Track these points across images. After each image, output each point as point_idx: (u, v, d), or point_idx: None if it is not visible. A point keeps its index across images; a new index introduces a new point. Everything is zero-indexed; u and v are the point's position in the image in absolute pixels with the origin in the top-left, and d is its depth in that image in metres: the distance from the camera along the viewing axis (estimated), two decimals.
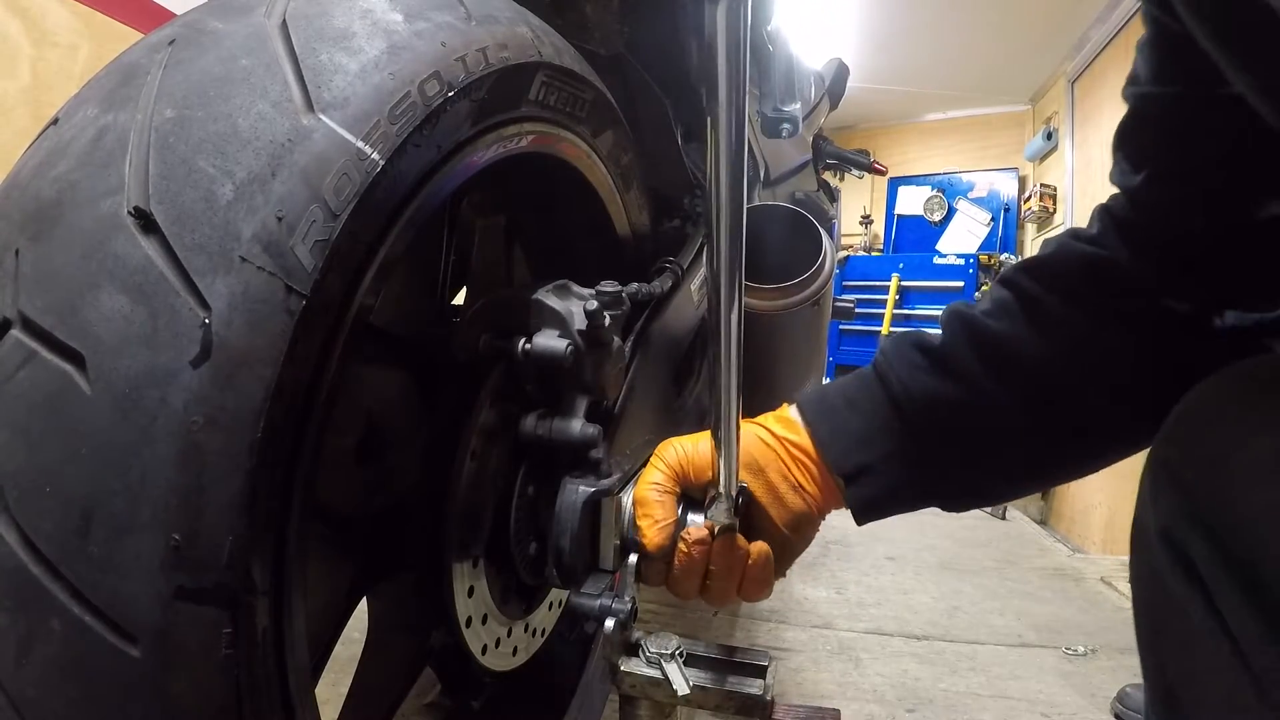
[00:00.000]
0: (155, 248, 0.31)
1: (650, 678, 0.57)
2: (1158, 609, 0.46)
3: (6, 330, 0.31)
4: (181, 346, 0.30)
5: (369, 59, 0.37)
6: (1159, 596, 0.45)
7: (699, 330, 0.83)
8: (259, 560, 0.32)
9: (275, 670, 0.34)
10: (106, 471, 0.29)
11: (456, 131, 0.42)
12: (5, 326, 0.31)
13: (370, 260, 0.37)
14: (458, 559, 0.54)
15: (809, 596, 1.82)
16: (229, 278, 0.31)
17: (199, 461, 0.30)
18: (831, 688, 1.32)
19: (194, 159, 0.33)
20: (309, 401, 0.35)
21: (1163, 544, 0.43)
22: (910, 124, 5.10)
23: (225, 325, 0.31)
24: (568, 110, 0.55)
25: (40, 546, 0.29)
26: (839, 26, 3.91)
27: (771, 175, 1.19)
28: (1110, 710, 1.53)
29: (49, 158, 0.34)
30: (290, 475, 0.34)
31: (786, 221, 0.68)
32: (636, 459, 0.68)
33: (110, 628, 0.29)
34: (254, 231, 0.32)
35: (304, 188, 0.33)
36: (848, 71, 1.74)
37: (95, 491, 0.29)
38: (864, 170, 1.98)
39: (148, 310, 0.30)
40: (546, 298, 0.56)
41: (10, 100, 1.31)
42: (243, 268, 0.31)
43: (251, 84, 0.35)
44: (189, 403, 0.30)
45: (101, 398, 0.29)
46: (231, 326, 0.31)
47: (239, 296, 0.31)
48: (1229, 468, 0.40)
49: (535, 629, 0.66)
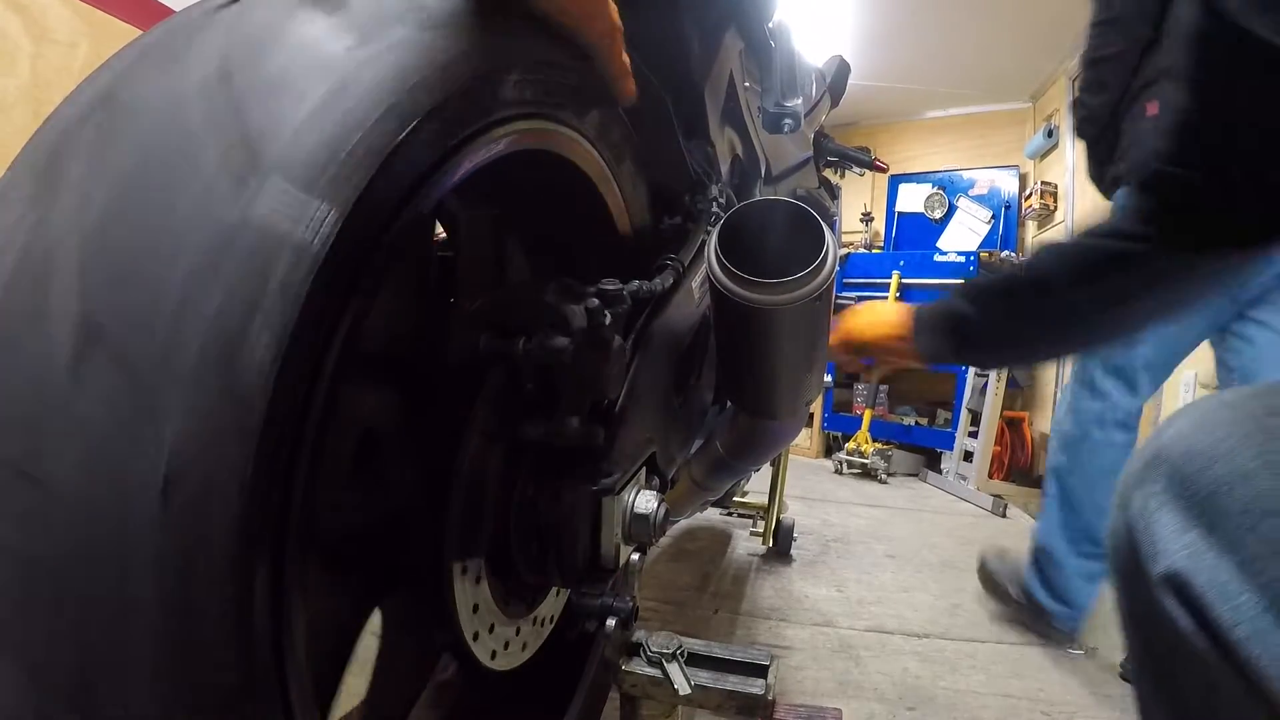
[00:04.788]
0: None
1: (651, 677, 0.57)
2: (1167, 654, 0.46)
3: None
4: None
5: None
6: (1169, 643, 0.44)
7: (700, 328, 0.82)
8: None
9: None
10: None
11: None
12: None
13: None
14: (458, 559, 0.54)
15: (810, 594, 1.82)
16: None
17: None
18: (832, 686, 1.32)
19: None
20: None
21: (1169, 590, 0.43)
22: (911, 121, 5.09)
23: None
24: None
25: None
26: (840, 24, 3.90)
27: (773, 172, 1.19)
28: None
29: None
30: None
31: (788, 216, 0.68)
32: (637, 458, 0.67)
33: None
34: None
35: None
36: (849, 69, 1.73)
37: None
38: (865, 167, 1.97)
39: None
40: (546, 296, 0.55)
41: (10, 98, 1.31)
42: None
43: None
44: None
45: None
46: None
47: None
48: (1246, 509, 0.40)
49: (539, 622, 0.66)
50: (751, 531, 2.26)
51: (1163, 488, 0.45)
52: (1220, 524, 0.41)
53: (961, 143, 4.94)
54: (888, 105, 4.84)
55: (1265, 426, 0.42)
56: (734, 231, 0.67)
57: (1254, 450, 0.41)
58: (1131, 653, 0.51)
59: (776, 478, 2.13)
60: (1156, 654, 0.47)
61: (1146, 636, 0.48)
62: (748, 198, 1.02)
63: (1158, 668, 0.48)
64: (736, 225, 0.68)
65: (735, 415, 0.94)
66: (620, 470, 0.61)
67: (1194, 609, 0.41)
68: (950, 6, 3.61)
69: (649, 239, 0.74)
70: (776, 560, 2.09)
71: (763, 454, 1.06)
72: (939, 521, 2.91)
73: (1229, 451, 0.42)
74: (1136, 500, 0.46)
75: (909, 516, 2.97)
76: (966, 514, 3.12)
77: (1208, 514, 0.41)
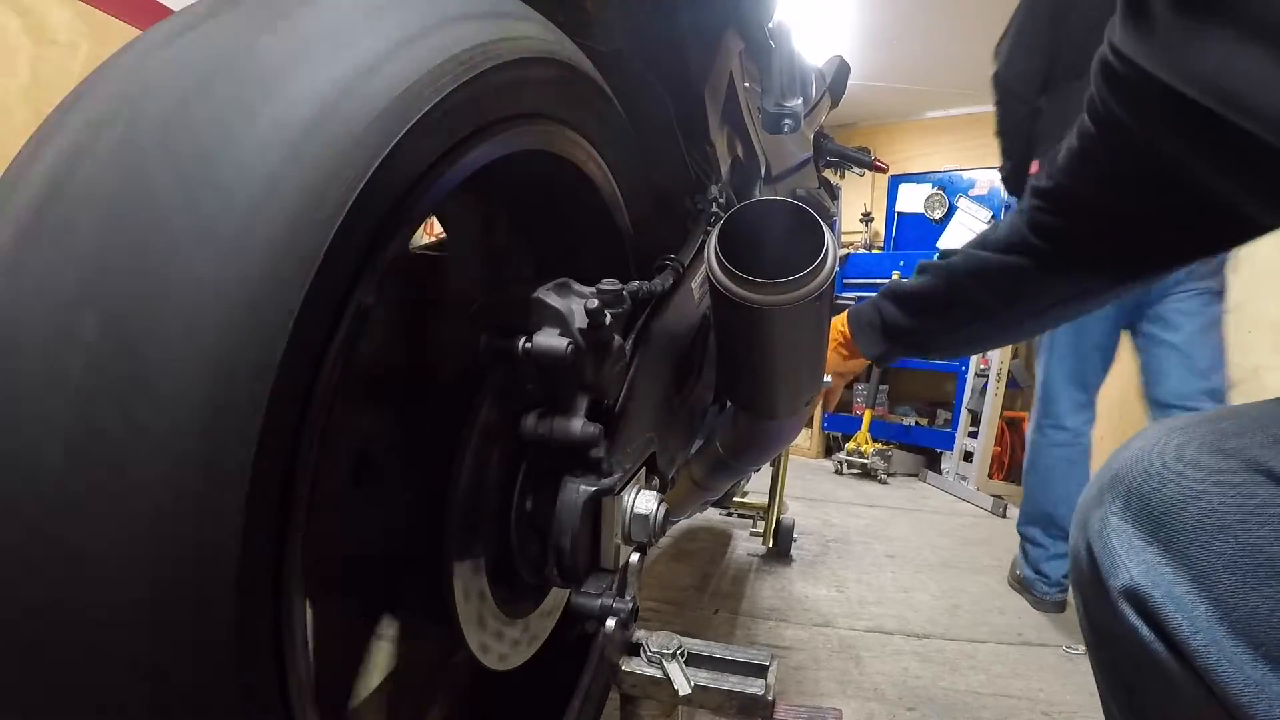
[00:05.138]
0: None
1: (651, 677, 0.57)
2: (1131, 668, 0.48)
3: None
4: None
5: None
6: (1132, 656, 0.46)
7: (700, 328, 0.82)
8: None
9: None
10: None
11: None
12: None
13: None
14: (458, 560, 0.53)
15: (809, 595, 1.82)
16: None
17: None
18: (832, 686, 1.32)
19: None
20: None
21: (1128, 603, 0.45)
22: (911, 121, 5.09)
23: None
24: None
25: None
26: (840, 24, 3.90)
27: (773, 172, 1.19)
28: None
29: None
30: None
31: (788, 216, 0.67)
32: (637, 458, 0.67)
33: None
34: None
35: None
36: (849, 69, 1.73)
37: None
38: (865, 168, 1.97)
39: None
40: (547, 296, 0.55)
41: (10, 99, 1.31)
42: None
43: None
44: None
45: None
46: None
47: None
48: (1199, 526, 0.42)
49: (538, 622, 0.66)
50: (751, 532, 2.26)
51: (1120, 507, 0.47)
52: (1175, 540, 0.43)
53: (962, 143, 4.93)
54: (888, 105, 4.84)
55: (1215, 449, 0.44)
56: (734, 232, 0.67)
57: (1205, 471, 0.44)
58: (1095, 663, 0.53)
59: (776, 478, 2.13)
60: (1119, 664, 0.49)
61: (1109, 647, 0.50)
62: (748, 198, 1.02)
63: (1120, 677, 0.50)
64: (736, 225, 0.68)
65: (735, 415, 0.94)
66: (620, 470, 0.61)
67: (1153, 621, 0.44)
68: (950, 6, 3.61)
69: (649, 239, 0.74)
70: (776, 560, 2.09)
71: (763, 454, 1.05)
72: (939, 522, 2.91)
73: (1180, 472, 0.45)
74: (1095, 519, 0.49)
75: (909, 517, 2.97)
76: (966, 514, 3.12)
77: (1164, 531, 0.44)
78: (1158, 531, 0.44)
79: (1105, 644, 0.50)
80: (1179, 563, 0.43)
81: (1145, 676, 0.46)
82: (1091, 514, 0.50)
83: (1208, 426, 0.46)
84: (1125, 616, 0.45)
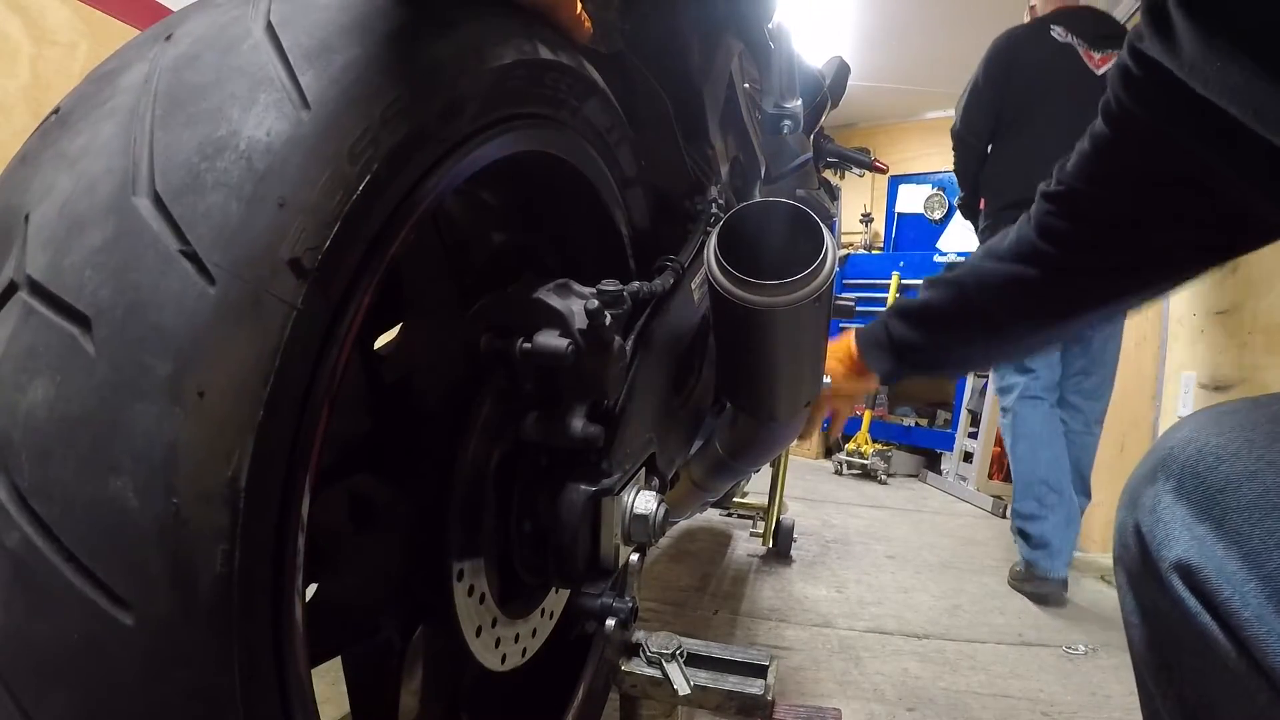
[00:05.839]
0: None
1: (651, 677, 0.57)
2: (1172, 644, 0.49)
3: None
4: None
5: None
6: (1175, 631, 0.47)
7: (700, 329, 0.82)
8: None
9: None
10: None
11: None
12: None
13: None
14: (459, 561, 0.54)
15: (809, 595, 1.82)
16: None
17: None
18: (832, 686, 1.32)
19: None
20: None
21: (1178, 575, 0.46)
22: (911, 122, 5.09)
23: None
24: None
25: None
26: (840, 24, 3.90)
27: (772, 173, 1.19)
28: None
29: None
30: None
31: (787, 217, 0.67)
32: (637, 459, 0.68)
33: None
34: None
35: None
36: (849, 70, 1.73)
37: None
38: (865, 168, 1.98)
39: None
40: (547, 296, 0.55)
41: (10, 99, 1.31)
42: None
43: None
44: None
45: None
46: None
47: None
48: (1253, 505, 0.44)
49: (539, 622, 0.66)
50: (751, 532, 2.26)
51: (1174, 485, 0.48)
52: (1229, 518, 0.44)
53: None
54: (888, 106, 4.84)
55: (1269, 433, 0.45)
56: (733, 233, 0.67)
57: (1259, 453, 0.45)
58: (1133, 642, 0.53)
59: (776, 478, 2.13)
60: (1159, 642, 0.50)
61: (1150, 624, 0.51)
62: (747, 199, 1.02)
63: (1159, 656, 0.51)
64: (736, 226, 0.68)
65: (735, 416, 0.94)
66: (620, 471, 0.61)
67: (1202, 593, 0.44)
68: (950, 7, 3.62)
69: (649, 240, 0.74)
70: (776, 561, 2.09)
71: (762, 455, 1.05)
72: (939, 522, 2.91)
73: (1235, 453, 0.46)
74: (1148, 496, 0.50)
75: (909, 517, 2.97)
76: (966, 515, 3.12)
77: (1217, 509, 0.45)
78: (1211, 509, 0.45)
79: (1147, 619, 0.51)
80: (1231, 540, 0.44)
81: (1186, 653, 0.47)
82: (1144, 491, 0.51)
83: (1261, 410, 0.48)
84: (1174, 588, 0.46)
